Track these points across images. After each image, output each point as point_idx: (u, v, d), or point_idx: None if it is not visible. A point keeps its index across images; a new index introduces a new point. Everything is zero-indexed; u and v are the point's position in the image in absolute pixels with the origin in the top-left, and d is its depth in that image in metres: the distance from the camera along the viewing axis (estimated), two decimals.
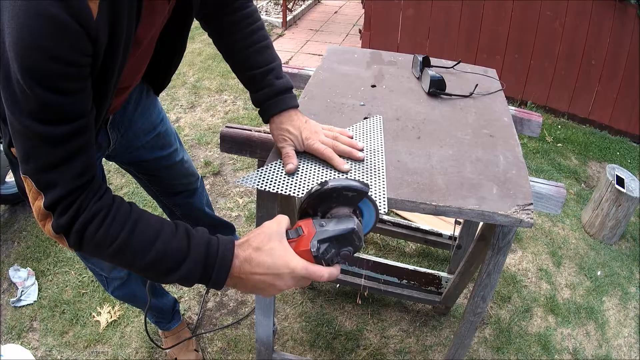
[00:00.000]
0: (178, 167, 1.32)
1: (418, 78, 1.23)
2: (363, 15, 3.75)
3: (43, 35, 0.49)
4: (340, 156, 0.89)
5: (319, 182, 0.69)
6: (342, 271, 1.72)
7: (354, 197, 0.69)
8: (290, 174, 0.86)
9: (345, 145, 0.90)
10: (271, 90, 0.91)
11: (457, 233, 1.70)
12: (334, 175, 0.86)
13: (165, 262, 0.62)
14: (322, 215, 0.70)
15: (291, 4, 4.69)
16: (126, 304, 1.74)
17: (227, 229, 1.74)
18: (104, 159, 1.13)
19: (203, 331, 1.68)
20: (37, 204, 0.59)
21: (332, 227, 0.66)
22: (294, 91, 0.96)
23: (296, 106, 0.93)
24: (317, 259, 0.66)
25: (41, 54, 0.50)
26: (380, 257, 1.88)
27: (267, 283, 0.64)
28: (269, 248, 0.64)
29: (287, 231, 0.67)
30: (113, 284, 1.28)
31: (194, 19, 0.95)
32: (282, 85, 0.92)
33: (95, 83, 0.60)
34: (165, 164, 1.26)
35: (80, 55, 0.53)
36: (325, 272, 0.65)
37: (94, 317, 1.70)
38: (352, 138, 0.95)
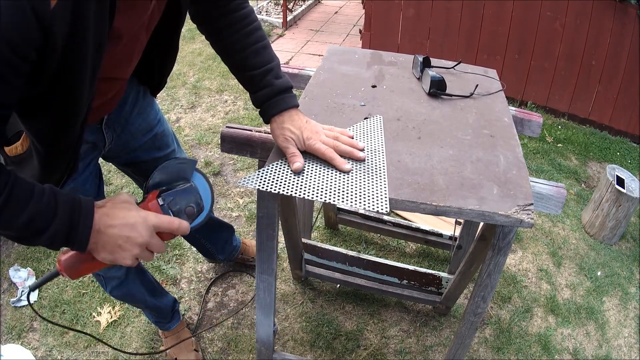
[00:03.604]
0: None
1: (418, 78, 1.23)
2: (363, 15, 3.75)
3: None
4: (341, 156, 0.89)
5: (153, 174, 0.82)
6: (343, 271, 1.72)
7: (183, 167, 0.82)
8: (298, 172, 0.86)
9: (346, 145, 0.90)
10: (271, 90, 0.91)
11: (457, 233, 1.70)
12: (335, 174, 0.87)
13: (37, 223, 0.65)
14: (166, 189, 0.81)
15: (291, 4, 4.69)
16: (126, 304, 1.74)
17: (226, 229, 1.75)
18: (101, 160, 1.13)
19: (201, 330, 1.68)
20: None
21: (173, 188, 0.80)
22: (294, 91, 0.96)
23: (296, 105, 0.93)
24: (165, 210, 0.77)
25: None
26: (380, 257, 1.88)
27: (123, 237, 0.70)
28: (122, 204, 0.73)
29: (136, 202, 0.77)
30: (111, 284, 1.28)
31: (191, 21, 0.95)
32: (281, 85, 0.92)
33: (61, 73, 0.61)
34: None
35: (25, 42, 0.53)
36: (175, 220, 0.76)
37: (94, 317, 1.70)
38: (353, 138, 0.95)
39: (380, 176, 0.86)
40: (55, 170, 0.82)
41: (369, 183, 0.85)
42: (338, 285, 1.86)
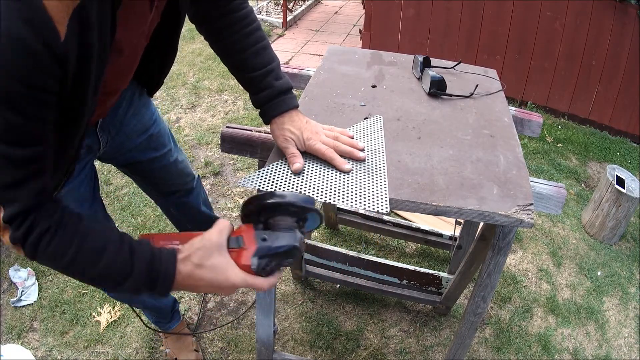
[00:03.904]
0: (172, 167, 1.32)
1: (418, 78, 1.23)
2: (363, 15, 3.75)
3: (9, 56, 0.50)
4: (341, 156, 0.89)
5: (265, 192, 0.69)
6: (343, 271, 1.72)
7: (298, 211, 0.68)
8: (297, 173, 0.86)
9: (346, 146, 0.90)
10: (271, 91, 0.91)
11: (457, 233, 1.70)
12: (335, 174, 0.87)
13: (110, 277, 0.65)
14: (265, 221, 0.69)
15: (291, 4, 4.69)
16: (126, 304, 1.74)
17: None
18: (99, 162, 1.13)
19: (202, 330, 1.68)
20: None
21: (274, 243, 0.66)
22: (294, 91, 0.96)
23: (296, 106, 0.93)
24: (257, 273, 0.67)
25: (6, 75, 0.51)
26: (380, 257, 1.88)
27: (210, 291, 0.69)
28: (210, 264, 0.66)
29: (228, 238, 0.68)
30: None
31: (190, 22, 0.94)
32: (282, 87, 0.92)
33: (70, 94, 0.60)
34: (159, 165, 1.26)
35: (47, 79, 0.54)
36: (265, 284, 0.68)
37: (94, 317, 1.70)
38: (353, 138, 0.95)
39: (380, 176, 0.86)
40: (54, 178, 0.81)
41: (369, 183, 0.85)
42: (338, 285, 1.86)
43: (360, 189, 0.83)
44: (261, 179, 0.85)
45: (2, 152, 0.56)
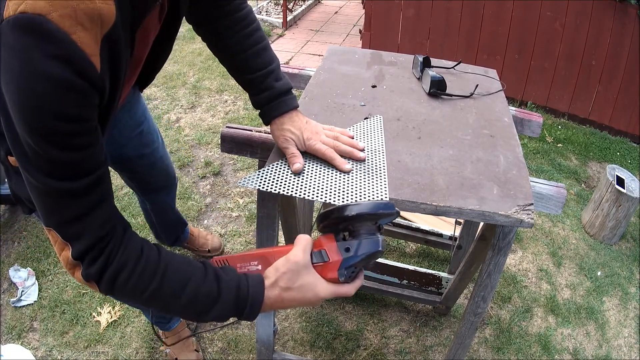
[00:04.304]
0: (159, 163, 1.33)
1: (418, 78, 1.23)
2: (363, 15, 3.75)
3: (49, 96, 0.49)
4: (341, 156, 0.89)
5: (344, 204, 0.67)
6: None
7: (379, 217, 0.67)
8: (297, 173, 0.86)
9: (346, 146, 0.90)
10: (271, 93, 0.91)
11: (457, 233, 1.70)
12: (335, 174, 0.87)
13: (196, 306, 0.64)
14: (344, 229, 0.68)
15: (291, 4, 4.69)
16: (126, 304, 1.74)
17: (182, 225, 1.78)
18: None
19: (202, 330, 1.68)
20: (65, 254, 0.60)
21: (358, 252, 0.65)
22: (294, 91, 0.96)
23: (296, 107, 0.93)
24: (344, 281, 0.67)
25: (49, 115, 0.50)
26: (380, 257, 1.88)
27: (298, 306, 0.70)
28: (298, 286, 0.65)
29: (311, 253, 0.68)
30: None
31: (188, 22, 0.94)
32: (282, 87, 0.92)
33: (101, 113, 0.61)
34: (147, 162, 1.28)
35: (89, 110, 0.54)
36: (352, 290, 0.68)
37: (94, 317, 1.70)
38: (353, 138, 0.95)
39: (380, 176, 0.86)
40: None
41: (369, 183, 0.85)
42: None
43: (361, 189, 0.83)
44: (261, 179, 0.85)
45: (59, 188, 0.55)
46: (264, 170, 0.88)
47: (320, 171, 0.88)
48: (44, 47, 0.48)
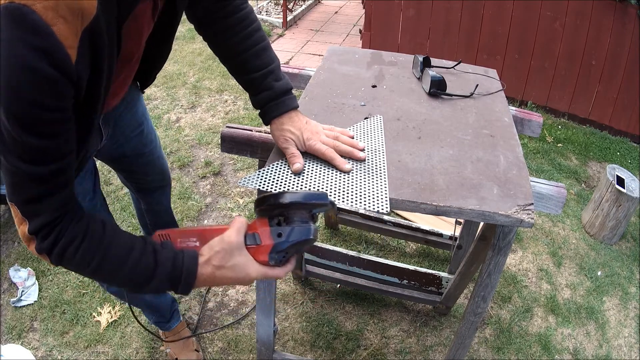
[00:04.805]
0: (156, 162, 1.34)
1: (419, 78, 1.23)
2: (363, 15, 3.75)
3: (26, 85, 0.52)
4: (341, 156, 0.89)
5: (280, 191, 0.71)
6: (343, 271, 1.72)
7: (312, 207, 0.70)
8: (297, 173, 0.86)
9: (346, 145, 0.90)
10: (271, 93, 0.91)
11: (457, 233, 1.70)
12: (335, 174, 0.87)
13: (135, 279, 0.68)
14: (279, 215, 0.71)
15: (291, 4, 4.69)
16: (126, 304, 1.74)
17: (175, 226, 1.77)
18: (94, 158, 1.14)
19: (203, 331, 1.68)
20: (22, 228, 0.65)
21: (289, 238, 0.69)
22: (294, 91, 0.96)
23: (296, 107, 0.93)
24: (275, 265, 0.71)
25: (25, 103, 0.53)
26: (380, 257, 1.88)
27: (229, 284, 0.73)
28: (231, 265, 0.69)
29: (245, 235, 0.71)
30: None
31: (190, 22, 0.95)
32: (282, 88, 0.92)
33: (82, 105, 0.63)
34: (145, 161, 1.29)
35: (63, 101, 0.56)
36: (282, 273, 0.73)
37: (94, 317, 1.70)
38: (353, 138, 0.95)
39: (380, 176, 0.87)
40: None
41: (369, 183, 0.85)
42: (338, 285, 1.86)
43: (361, 189, 0.83)
44: (261, 179, 0.85)
45: (26, 171, 0.59)
46: (264, 170, 0.88)
47: (320, 171, 0.88)
48: (27, 38, 0.50)
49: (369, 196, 0.82)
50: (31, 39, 0.50)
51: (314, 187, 0.84)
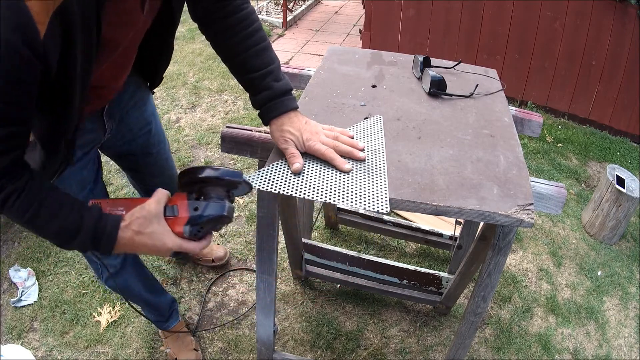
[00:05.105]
0: (164, 164, 1.35)
1: (419, 78, 1.23)
2: (363, 15, 3.75)
3: None
4: (341, 156, 0.89)
5: (199, 166, 0.77)
6: (343, 271, 1.72)
7: (228, 183, 0.77)
8: (297, 173, 0.86)
9: (346, 145, 0.90)
10: (270, 93, 0.91)
11: (457, 233, 1.70)
12: (335, 174, 0.87)
13: (62, 235, 0.74)
14: (198, 191, 0.77)
15: (291, 4, 4.69)
16: (126, 304, 1.74)
17: None
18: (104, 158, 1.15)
19: (202, 329, 1.68)
20: None
21: (204, 212, 0.74)
22: (294, 92, 0.96)
23: (295, 108, 0.93)
24: (190, 238, 0.77)
25: None
26: (380, 257, 1.88)
27: (149, 253, 0.78)
28: (149, 232, 0.74)
29: (165, 206, 0.76)
30: (106, 272, 1.29)
31: (193, 21, 0.96)
32: (281, 88, 0.92)
33: (56, 84, 0.67)
34: (153, 161, 1.30)
35: (27, 72, 0.61)
36: (197, 247, 0.78)
37: (94, 317, 1.70)
38: (353, 138, 0.95)
39: (380, 176, 0.87)
40: (51, 163, 0.87)
41: (369, 183, 0.85)
42: (338, 285, 1.86)
43: (361, 189, 0.83)
44: (261, 179, 0.85)
45: None
46: (263, 170, 0.88)
47: (320, 171, 0.88)
48: (5, 13, 0.55)
49: (368, 196, 0.82)
50: (4, 10, 0.55)
51: (314, 187, 0.84)
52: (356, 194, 0.82)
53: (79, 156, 1.02)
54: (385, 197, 0.82)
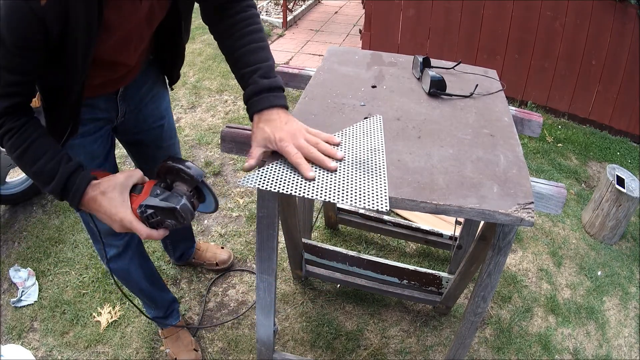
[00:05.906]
0: None
1: (418, 79, 1.23)
2: (363, 15, 3.75)
3: (2, 12, 0.69)
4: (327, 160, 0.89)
5: (176, 158, 0.83)
6: (343, 271, 1.72)
7: (190, 181, 0.81)
8: (247, 171, 0.88)
9: (318, 153, 0.87)
10: (255, 87, 0.91)
11: (457, 233, 1.70)
12: (335, 173, 0.87)
13: (41, 177, 0.83)
14: (170, 182, 0.83)
15: (291, 4, 4.69)
16: (126, 303, 1.74)
17: (191, 242, 1.86)
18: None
19: (201, 327, 1.68)
20: None
21: (161, 200, 0.80)
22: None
23: (280, 105, 0.91)
24: (142, 220, 0.81)
25: (5, 29, 0.70)
26: (380, 257, 1.88)
27: (104, 219, 0.82)
28: (110, 197, 0.80)
29: (135, 185, 0.83)
30: (109, 253, 1.30)
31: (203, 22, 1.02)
32: (266, 84, 0.91)
33: (58, 50, 0.78)
34: (162, 155, 1.33)
35: (30, 30, 0.71)
36: (144, 231, 0.82)
37: (94, 317, 1.70)
38: (339, 145, 0.93)
39: (380, 175, 0.87)
40: (56, 127, 0.96)
41: (368, 182, 0.85)
42: (338, 285, 1.86)
43: (360, 188, 0.83)
44: (261, 179, 0.85)
45: (1, 74, 0.75)
46: (263, 169, 0.88)
47: (320, 171, 0.88)
48: None
49: (368, 195, 0.82)
50: None
51: (313, 186, 0.84)
52: (356, 192, 0.82)
53: (90, 129, 1.09)
54: (385, 195, 0.82)
